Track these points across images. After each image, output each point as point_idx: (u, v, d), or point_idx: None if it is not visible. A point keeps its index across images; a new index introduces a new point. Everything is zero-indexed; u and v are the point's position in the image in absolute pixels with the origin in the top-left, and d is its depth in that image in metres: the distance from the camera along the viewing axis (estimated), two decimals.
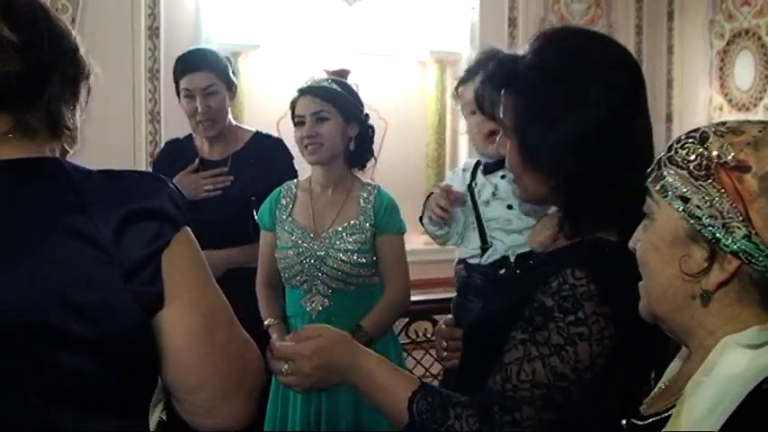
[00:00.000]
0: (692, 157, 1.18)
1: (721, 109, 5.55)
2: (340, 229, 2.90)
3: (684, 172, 1.18)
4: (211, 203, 3.18)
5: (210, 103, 3.22)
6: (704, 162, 1.16)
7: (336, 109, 2.92)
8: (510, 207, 2.29)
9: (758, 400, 1.09)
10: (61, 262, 1.20)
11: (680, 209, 1.18)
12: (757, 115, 5.41)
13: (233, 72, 3.37)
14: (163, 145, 3.83)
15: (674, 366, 1.34)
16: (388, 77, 5.33)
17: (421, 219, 2.58)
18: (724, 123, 1.20)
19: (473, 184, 2.41)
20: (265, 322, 2.92)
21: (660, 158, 1.23)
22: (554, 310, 1.42)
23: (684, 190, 1.18)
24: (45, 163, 1.29)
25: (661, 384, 1.33)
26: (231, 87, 3.32)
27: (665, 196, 1.20)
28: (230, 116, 3.37)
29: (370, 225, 2.91)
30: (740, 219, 1.13)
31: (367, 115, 3.07)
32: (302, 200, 2.99)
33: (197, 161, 3.32)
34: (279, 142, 3.44)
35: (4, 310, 1.19)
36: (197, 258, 1.30)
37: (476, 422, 1.45)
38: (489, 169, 2.35)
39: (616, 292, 1.40)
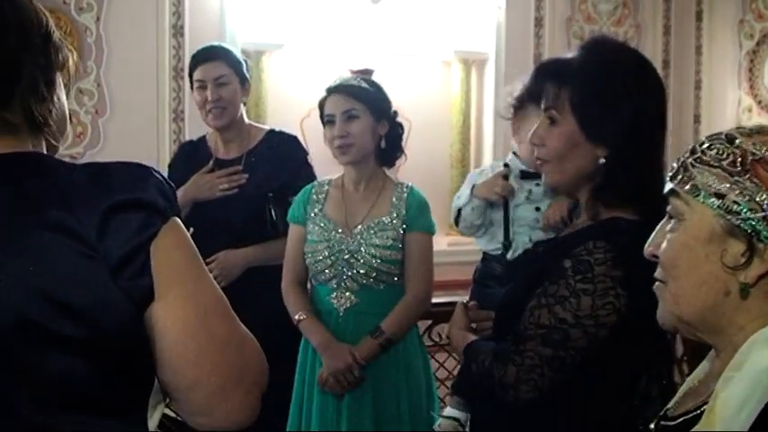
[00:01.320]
0: (724, 155, 1.21)
1: (750, 110, 5.48)
2: (372, 224, 2.90)
3: (718, 170, 1.21)
4: (227, 202, 3.19)
5: (221, 93, 3.24)
6: (739, 159, 1.20)
7: (366, 107, 2.92)
8: (538, 209, 2.48)
9: None
10: (45, 259, 1.16)
11: (716, 205, 1.20)
12: None
13: (247, 70, 3.38)
14: (177, 147, 3.86)
15: (701, 368, 1.36)
16: (413, 77, 5.31)
17: (457, 219, 2.86)
18: (744, 127, 1.25)
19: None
20: (296, 316, 2.91)
21: (683, 161, 1.26)
22: (568, 269, 1.70)
23: (719, 187, 1.20)
24: (26, 158, 1.26)
25: (690, 384, 1.35)
26: (244, 83, 3.33)
27: (697, 195, 1.22)
28: (244, 115, 3.37)
29: (401, 222, 2.89)
30: None
31: (395, 113, 3.06)
32: (334, 196, 2.99)
33: (212, 161, 3.33)
34: (292, 138, 3.45)
35: None
36: (188, 250, 1.26)
37: (489, 361, 1.83)
38: (526, 176, 2.53)
39: (631, 259, 1.56)
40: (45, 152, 1.33)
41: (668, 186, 1.29)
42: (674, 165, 1.29)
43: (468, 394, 2.05)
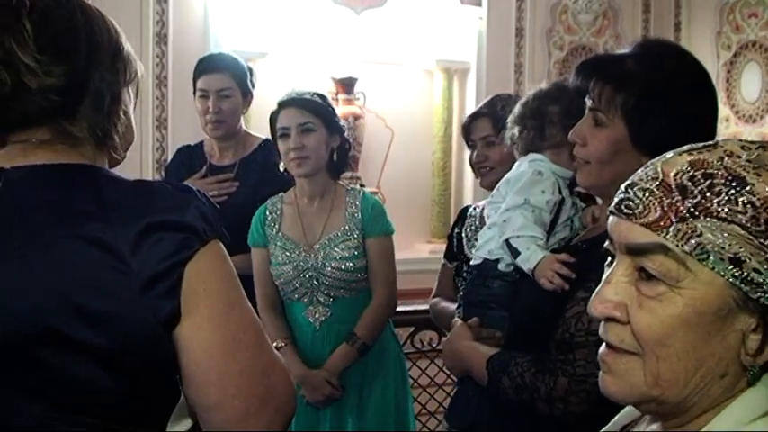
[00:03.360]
0: (739, 206, 0.94)
1: (728, 120, 5.55)
2: (332, 237, 2.91)
3: (735, 227, 0.94)
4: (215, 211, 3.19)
5: (222, 105, 3.27)
6: (762, 214, 0.93)
7: (321, 120, 2.94)
8: (572, 223, 2.23)
9: None
10: (74, 267, 1.18)
11: (730, 274, 0.94)
12: (764, 127, 5.41)
13: (251, 82, 3.41)
14: (173, 151, 3.87)
15: (624, 418, 1.17)
16: (396, 86, 5.35)
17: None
18: (732, 153, 0.98)
19: (564, 199, 2.21)
20: (274, 344, 2.90)
21: (673, 204, 0.97)
22: None
23: (737, 250, 0.93)
24: (77, 169, 1.29)
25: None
26: (247, 95, 3.37)
27: (705, 259, 0.95)
28: (242, 123, 3.39)
29: (358, 230, 2.92)
30: None
31: (344, 127, 3.11)
32: (289, 213, 2.99)
33: (205, 167, 3.36)
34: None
35: (11, 313, 1.18)
36: (224, 274, 1.27)
37: (529, 365, 1.76)
38: (571, 186, 2.23)
39: None
40: (106, 164, 1.36)
41: (645, 236, 0.98)
42: (639, 201, 0.99)
43: (507, 415, 1.92)
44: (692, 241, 0.95)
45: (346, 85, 5.05)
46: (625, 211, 1.00)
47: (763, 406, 0.97)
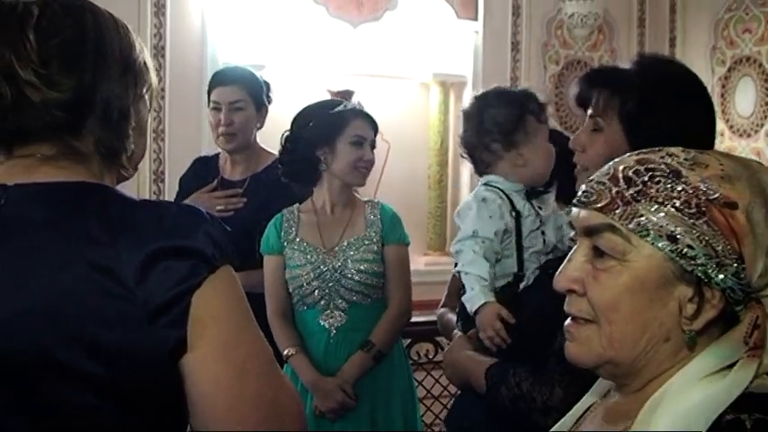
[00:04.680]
0: (675, 193, 1.10)
1: (722, 134, 5.58)
2: (351, 242, 2.93)
3: (670, 208, 1.10)
4: None
5: (234, 118, 3.25)
6: (693, 199, 1.09)
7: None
8: (543, 233, 2.23)
9: None
10: (77, 294, 1.14)
11: (668, 249, 1.09)
12: (758, 142, 5.45)
13: (268, 96, 3.40)
14: (171, 162, 3.87)
15: (587, 401, 1.29)
16: (392, 99, 5.36)
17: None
18: (672, 154, 1.15)
19: (519, 212, 2.23)
20: (285, 352, 2.89)
21: (619, 192, 1.13)
22: None
23: (673, 229, 1.09)
24: (82, 189, 1.23)
25: (577, 420, 1.29)
26: (261, 109, 3.35)
27: (645, 235, 1.10)
28: (256, 138, 3.38)
29: (378, 236, 2.94)
30: (733, 256, 1.08)
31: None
32: (307, 221, 3.01)
33: (216, 180, 3.34)
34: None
35: (10, 339, 1.13)
36: (233, 302, 1.22)
37: (527, 375, 1.77)
38: (529, 196, 2.26)
39: None
40: (114, 181, 1.31)
41: (595, 218, 1.15)
42: (592, 190, 1.16)
43: (500, 419, 1.93)
44: (635, 220, 1.11)
45: (343, 98, 5.06)
46: (583, 200, 1.17)
47: (703, 370, 1.10)
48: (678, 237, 1.09)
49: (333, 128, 2.97)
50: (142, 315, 1.13)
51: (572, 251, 1.19)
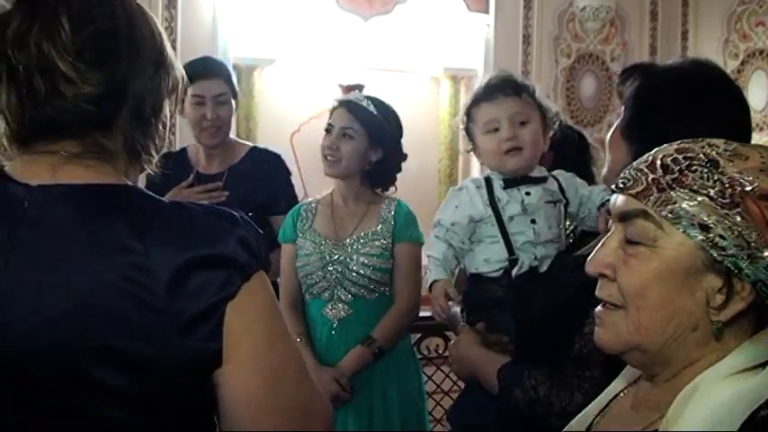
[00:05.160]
0: (710, 182, 1.10)
1: None
2: (362, 235, 2.94)
3: (704, 198, 1.10)
4: None
5: (220, 112, 3.21)
6: (728, 189, 1.09)
7: (365, 132, 2.95)
8: (534, 221, 2.22)
9: (757, 430, 1.02)
10: (107, 306, 1.09)
11: (699, 238, 1.09)
12: None
13: (237, 83, 3.39)
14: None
15: (616, 387, 1.30)
16: (402, 93, 5.35)
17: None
18: (715, 144, 1.14)
19: (496, 200, 2.25)
20: None
21: (656, 179, 1.14)
22: None
23: (706, 218, 1.09)
24: (111, 191, 1.18)
25: (606, 401, 1.29)
26: (236, 99, 3.33)
27: (677, 223, 1.11)
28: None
29: (389, 233, 2.94)
30: (766, 248, 1.07)
31: (398, 143, 3.12)
32: (323, 212, 3.03)
33: (192, 175, 3.29)
34: (276, 157, 3.42)
35: (38, 353, 1.09)
36: (267, 310, 1.18)
37: (544, 379, 1.75)
38: (510, 184, 2.26)
39: None
40: (137, 178, 1.27)
41: (630, 204, 1.16)
42: (630, 177, 1.17)
43: (510, 418, 1.91)
44: (668, 207, 1.11)
45: (353, 92, 5.06)
46: (620, 185, 1.17)
47: (737, 366, 1.10)
48: (710, 226, 1.09)
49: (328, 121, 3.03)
50: (175, 327, 1.10)
51: (606, 236, 1.20)
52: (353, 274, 2.89)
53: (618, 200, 1.18)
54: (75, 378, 1.10)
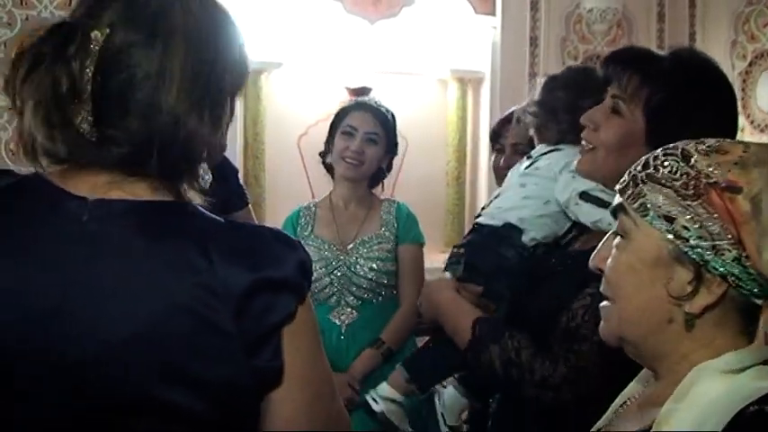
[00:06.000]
0: (677, 175, 1.13)
1: (743, 131, 5.52)
2: (366, 239, 2.94)
3: (669, 190, 1.13)
4: None
5: None
6: (692, 181, 1.12)
7: (385, 137, 2.96)
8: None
9: (745, 423, 1.04)
10: (175, 326, 1.08)
11: (664, 229, 1.13)
12: None
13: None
14: None
15: (633, 388, 1.31)
16: (409, 96, 5.35)
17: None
18: (703, 142, 1.17)
19: None
20: None
21: (635, 175, 1.18)
22: None
23: (670, 209, 1.13)
24: (171, 208, 1.16)
25: (621, 403, 1.30)
26: None
27: (645, 215, 1.15)
28: None
29: (392, 235, 2.94)
30: (731, 241, 1.09)
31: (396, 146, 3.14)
32: (323, 216, 3.02)
33: None
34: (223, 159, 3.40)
35: (103, 377, 1.07)
36: (313, 331, 1.22)
37: (528, 344, 1.72)
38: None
39: None
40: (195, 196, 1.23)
41: (617, 200, 1.21)
42: (626, 177, 1.21)
43: (469, 373, 1.90)
44: (639, 201, 1.16)
45: (360, 95, 5.05)
46: (617, 185, 1.23)
47: (732, 364, 1.11)
48: (674, 217, 1.12)
49: (336, 120, 3.01)
50: (240, 349, 1.10)
51: (609, 233, 1.25)
52: (360, 278, 2.89)
53: (616, 197, 1.24)
54: (142, 402, 1.09)
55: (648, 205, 1.15)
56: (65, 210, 1.12)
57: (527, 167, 2.17)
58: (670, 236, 1.13)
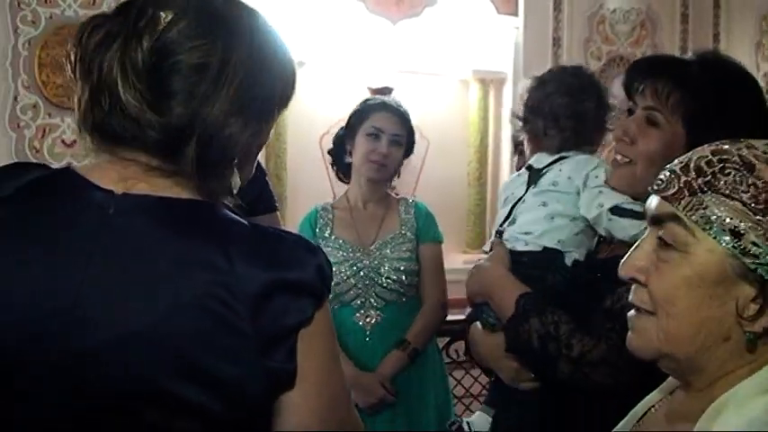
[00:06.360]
0: (743, 186, 1.05)
1: None
2: (387, 240, 2.93)
3: (737, 203, 1.05)
4: None
5: None
6: (762, 194, 1.04)
7: (407, 138, 2.99)
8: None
9: None
10: (193, 323, 1.09)
11: (730, 245, 1.05)
12: None
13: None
14: None
15: (653, 397, 1.27)
16: (431, 96, 5.34)
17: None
18: (753, 146, 1.10)
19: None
20: None
21: (688, 181, 1.10)
22: None
23: (737, 224, 1.04)
24: (196, 207, 1.17)
25: (643, 410, 1.27)
26: None
27: (708, 228, 1.07)
28: None
29: (413, 234, 2.94)
30: None
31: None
32: (342, 217, 3.01)
33: None
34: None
35: (121, 368, 1.08)
36: (330, 336, 1.21)
37: (569, 319, 1.68)
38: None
39: None
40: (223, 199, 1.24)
41: (663, 207, 1.13)
42: (664, 178, 1.14)
43: (515, 350, 1.83)
44: (699, 212, 1.07)
45: (382, 95, 5.06)
46: (655, 187, 1.14)
47: None
48: (742, 233, 1.04)
49: (356, 119, 2.99)
50: (255, 349, 1.10)
51: (640, 239, 1.17)
52: (386, 279, 2.89)
53: (652, 202, 1.15)
54: (156, 395, 1.09)
55: (713, 218, 1.06)
56: (91, 201, 1.14)
57: (536, 181, 2.10)
58: (737, 252, 1.05)
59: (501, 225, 2.12)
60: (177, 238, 1.12)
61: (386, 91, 5.02)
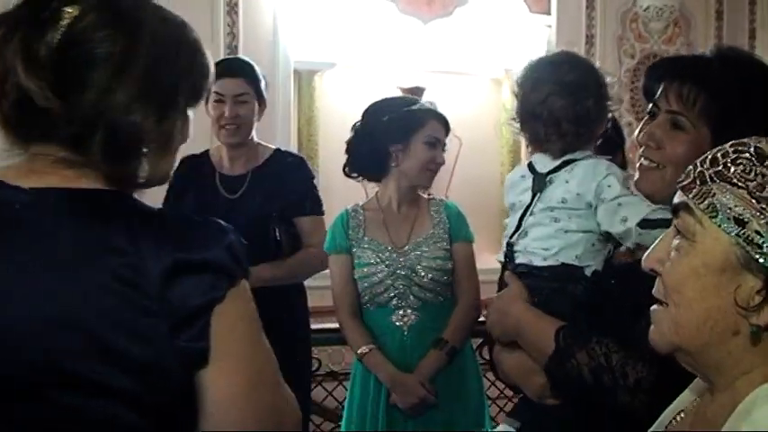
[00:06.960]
0: (751, 175, 1.04)
1: None
2: (420, 240, 2.93)
3: (743, 191, 1.04)
4: (229, 220, 3.12)
5: (240, 111, 3.19)
6: None
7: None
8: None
9: None
10: (100, 306, 1.12)
11: (734, 233, 1.04)
12: None
13: (265, 89, 3.34)
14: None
15: (685, 398, 1.25)
16: (463, 96, 5.33)
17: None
18: None
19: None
20: (359, 350, 2.90)
21: (702, 171, 1.09)
22: None
23: (742, 212, 1.04)
24: (103, 196, 1.20)
25: (673, 415, 1.24)
26: (262, 102, 3.29)
27: (714, 216, 1.06)
28: (255, 133, 3.32)
29: (446, 234, 2.94)
30: None
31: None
32: (373, 219, 3.01)
33: (217, 177, 3.28)
34: (299, 159, 3.43)
35: (28, 352, 1.11)
36: (249, 315, 1.22)
37: (618, 348, 1.62)
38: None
39: None
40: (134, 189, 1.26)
41: (678, 197, 1.13)
42: (690, 172, 1.13)
43: (557, 384, 1.79)
44: (707, 200, 1.07)
45: (414, 95, 5.06)
46: (679, 179, 1.15)
47: None
48: (746, 221, 1.03)
49: (409, 125, 2.96)
50: (165, 328, 1.13)
51: (666, 232, 1.17)
52: (422, 279, 2.89)
53: (678, 193, 1.15)
54: (66, 377, 1.12)
55: (718, 206, 1.05)
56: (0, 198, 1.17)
57: (542, 189, 2.01)
58: (741, 240, 1.03)
59: (511, 237, 2.08)
60: (84, 228, 1.16)
61: (417, 91, 5.01)
